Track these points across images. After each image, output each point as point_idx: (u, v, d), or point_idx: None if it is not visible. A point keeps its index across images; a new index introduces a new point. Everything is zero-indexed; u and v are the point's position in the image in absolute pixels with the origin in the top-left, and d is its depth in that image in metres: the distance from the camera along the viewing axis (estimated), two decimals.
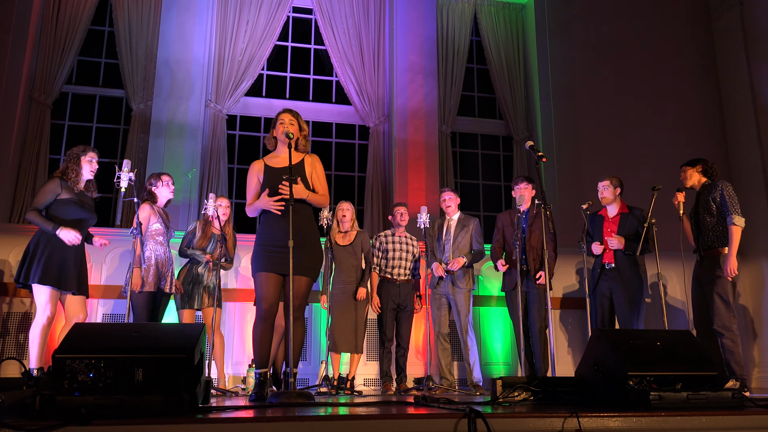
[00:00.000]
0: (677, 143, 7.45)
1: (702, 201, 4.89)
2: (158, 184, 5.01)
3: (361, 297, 5.25)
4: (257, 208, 3.65)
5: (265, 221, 3.66)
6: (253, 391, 3.50)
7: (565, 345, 6.45)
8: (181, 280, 5.15)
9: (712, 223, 4.79)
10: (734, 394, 2.60)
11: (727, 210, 4.71)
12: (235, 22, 7.02)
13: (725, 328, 4.60)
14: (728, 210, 4.71)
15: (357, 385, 5.53)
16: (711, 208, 4.80)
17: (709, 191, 4.86)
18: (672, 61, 7.87)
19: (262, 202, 3.61)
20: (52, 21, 6.54)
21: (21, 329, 5.42)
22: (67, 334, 2.51)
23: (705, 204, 4.85)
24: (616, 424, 2.20)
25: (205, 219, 5.31)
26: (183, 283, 5.14)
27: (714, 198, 4.79)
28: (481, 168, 7.71)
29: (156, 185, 5.01)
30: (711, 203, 4.80)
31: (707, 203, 4.83)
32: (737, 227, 4.67)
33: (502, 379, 2.99)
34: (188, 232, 5.28)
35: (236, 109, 7.07)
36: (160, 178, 5.03)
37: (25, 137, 6.28)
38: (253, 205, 3.68)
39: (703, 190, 4.93)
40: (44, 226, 4.34)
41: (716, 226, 4.77)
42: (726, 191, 4.76)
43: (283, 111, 3.78)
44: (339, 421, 2.06)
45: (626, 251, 5.06)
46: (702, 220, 4.86)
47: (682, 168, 5.10)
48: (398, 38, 7.34)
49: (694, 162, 5.04)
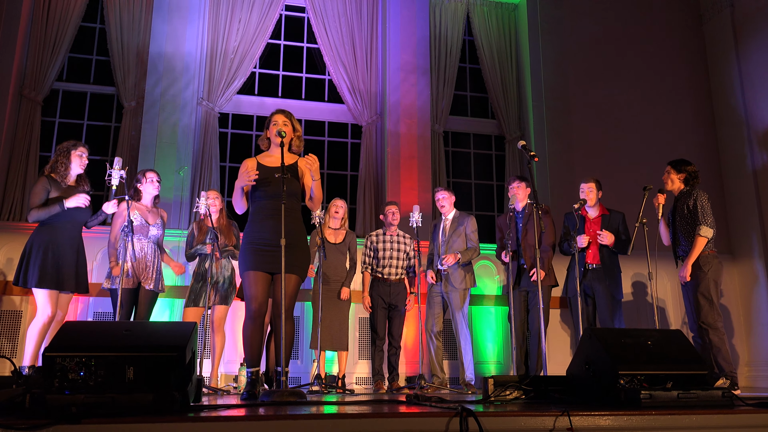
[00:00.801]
0: (668, 143, 7.49)
1: (679, 208, 5.01)
2: (143, 181, 4.99)
3: (344, 297, 5.29)
4: (236, 191, 3.61)
5: (254, 219, 3.64)
6: (245, 389, 3.49)
7: (562, 344, 6.47)
8: (192, 279, 5.16)
9: (687, 230, 4.91)
10: (724, 393, 2.61)
11: (700, 220, 4.82)
12: (227, 20, 7.00)
13: (709, 326, 4.70)
14: (701, 220, 4.82)
15: (349, 384, 5.53)
16: (687, 217, 4.91)
17: (685, 198, 4.96)
18: (663, 62, 7.91)
19: (238, 182, 3.57)
20: (43, 17, 6.49)
21: (12, 328, 5.39)
22: (58, 332, 2.50)
23: (681, 212, 4.98)
24: (607, 422, 2.21)
25: (199, 218, 5.31)
26: (192, 282, 5.15)
27: (688, 205, 4.90)
28: (474, 167, 7.72)
29: (141, 182, 4.99)
30: (685, 210, 4.91)
31: (683, 210, 4.93)
32: (703, 238, 4.80)
33: (494, 378, 3.00)
34: (188, 236, 5.28)
35: (228, 108, 7.04)
36: (144, 175, 5.01)
37: (15, 134, 6.24)
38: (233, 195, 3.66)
39: (681, 197, 5.04)
40: (52, 211, 4.35)
41: (692, 233, 4.87)
42: (700, 201, 4.88)
43: (277, 112, 3.77)
44: (330, 419, 2.05)
45: (615, 248, 5.17)
46: (678, 226, 4.96)
47: (667, 168, 5.15)
48: (391, 37, 7.34)
49: (678, 168, 5.08)
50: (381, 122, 7.27)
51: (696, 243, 4.79)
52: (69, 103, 6.76)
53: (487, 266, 6.54)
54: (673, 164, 5.12)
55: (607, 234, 5.15)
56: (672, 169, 5.11)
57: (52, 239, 4.35)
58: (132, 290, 4.78)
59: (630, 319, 6.43)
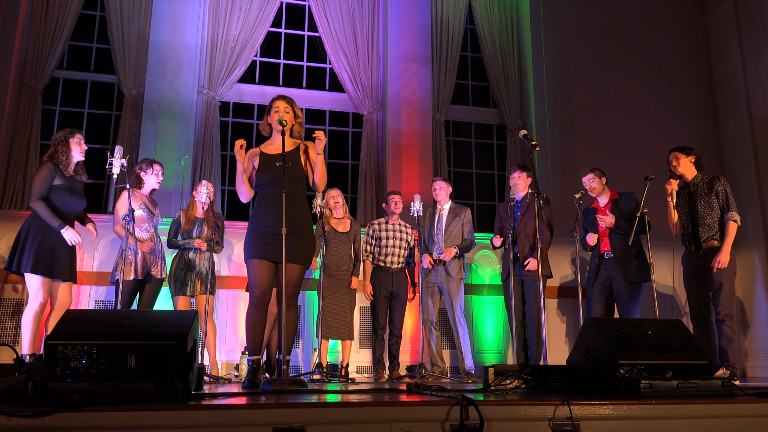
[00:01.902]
0: (670, 131, 7.46)
1: (701, 193, 4.86)
2: (148, 171, 4.98)
3: (354, 286, 5.30)
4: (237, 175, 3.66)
5: (259, 206, 3.65)
6: (246, 377, 3.50)
7: (558, 334, 6.49)
8: (174, 267, 5.14)
9: (712, 217, 4.81)
10: (724, 383, 2.62)
11: (729, 206, 4.76)
12: (227, 8, 6.96)
13: (728, 316, 4.63)
14: (730, 206, 4.76)
15: (350, 373, 5.55)
16: (712, 202, 4.81)
17: (710, 185, 4.84)
18: (665, 50, 7.88)
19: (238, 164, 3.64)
20: (43, 5, 6.46)
21: (13, 315, 5.40)
22: (60, 320, 2.50)
23: (705, 197, 4.84)
24: (607, 411, 2.21)
25: (190, 205, 5.26)
26: (176, 269, 5.12)
27: (717, 192, 4.80)
28: (475, 157, 7.70)
29: (146, 171, 4.98)
30: (713, 197, 4.80)
31: (708, 197, 4.83)
32: (736, 224, 4.73)
33: (494, 367, 3.00)
34: (173, 223, 5.25)
35: (229, 96, 7.02)
36: (151, 166, 5.00)
37: (15, 123, 6.23)
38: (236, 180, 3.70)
39: (702, 183, 4.91)
40: (50, 221, 4.31)
41: (716, 220, 4.80)
42: (728, 188, 4.82)
43: (278, 98, 3.75)
44: (331, 408, 2.06)
45: (617, 230, 5.10)
46: (701, 213, 4.84)
47: (673, 153, 5.02)
48: (392, 25, 7.30)
49: (687, 150, 4.99)
50: (382, 111, 7.25)
51: (729, 230, 4.70)
52: (69, 92, 6.74)
53: (488, 256, 6.54)
54: (680, 149, 5.02)
55: (607, 217, 5.09)
56: (680, 154, 4.99)
57: (48, 226, 4.33)
58: (138, 281, 4.79)
59: None
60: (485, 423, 2.06)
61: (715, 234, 4.78)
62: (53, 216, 4.32)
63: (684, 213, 4.95)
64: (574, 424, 2.14)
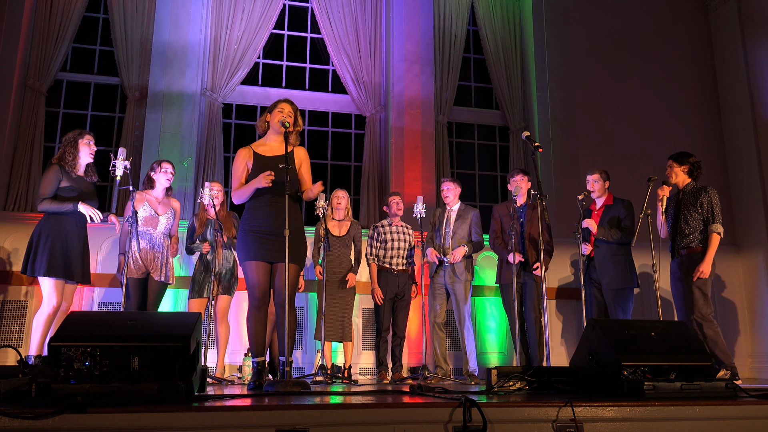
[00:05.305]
0: (673, 133, 7.46)
1: (686, 202, 4.95)
2: (157, 170, 5.01)
3: (351, 284, 5.29)
4: (251, 189, 3.58)
5: (253, 207, 3.64)
6: (251, 379, 3.51)
7: (560, 335, 6.48)
8: (195, 269, 5.21)
9: (691, 227, 4.89)
10: (727, 384, 2.61)
11: (714, 218, 4.83)
12: (230, 10, 6.97)
13: (703, 318, 4.72)
14: (715, 218, 4.83)
15: (353, 375, 5.55)
16: (693, 212, 4.89)
17: (696, 195, 4.93)
18: (669, 52, 7.87)
19: (256, 182, 3.53)
20: (46, 8, 6.48)
21: (18, 317, 5.42)
22: (63, 322, 2.51)
23: (691, 206, 4.92)
24: (610, 413, 2.21)
25: (200, 208, 5.31)
26: (195, 272, 5.18)
27: (702, 203, 4.88)
28: (478, 158, 7.70)
29: (156, 171, 5.02)
30: (698, 207, 4.89)
31: (693, 206, 4.90)
32: (718, 236, 4.82)
33: (497, 369, 3.00)
34: (188, 229, 5.30)
35: (232, 98, 7.03)
36: (160, 165, 5.04)
37: (19, 125, 6.25)
38: (242, 189, 3.63)
39: (690, 192, 4.99)
40: (63, 208, 4.36)
41: (698, 229, 4.87)
42: (714, 199, 4.89)
43: (284, 100, 3.76)
44: (335, 409, 2.06)
45: (599, 236, 5.16)
46: (684, 221, 4.92)
47: (669, 162, 5.14)
48: (395, 27, 7.31)
49: (681, 160, 5.07)
50: (385, 113, 7.25)
51: (712, 240, 4.79)
52: (73, 94, 6.75)
53: (492, 258, 6.53)
54: (675, 158, 5.11)
55: (588, 221, 5.16)
56: (674, 163, 5.10)
57: (60, 229, 4.36)
58: (141, 280, 4.81)
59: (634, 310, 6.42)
60: (488, 424, 2.06)
61: (692, 243, 4.87)
62: (62, 203, 4.35)
63: (669, 220, 5.04)
64: (577, 425, 2.14)
